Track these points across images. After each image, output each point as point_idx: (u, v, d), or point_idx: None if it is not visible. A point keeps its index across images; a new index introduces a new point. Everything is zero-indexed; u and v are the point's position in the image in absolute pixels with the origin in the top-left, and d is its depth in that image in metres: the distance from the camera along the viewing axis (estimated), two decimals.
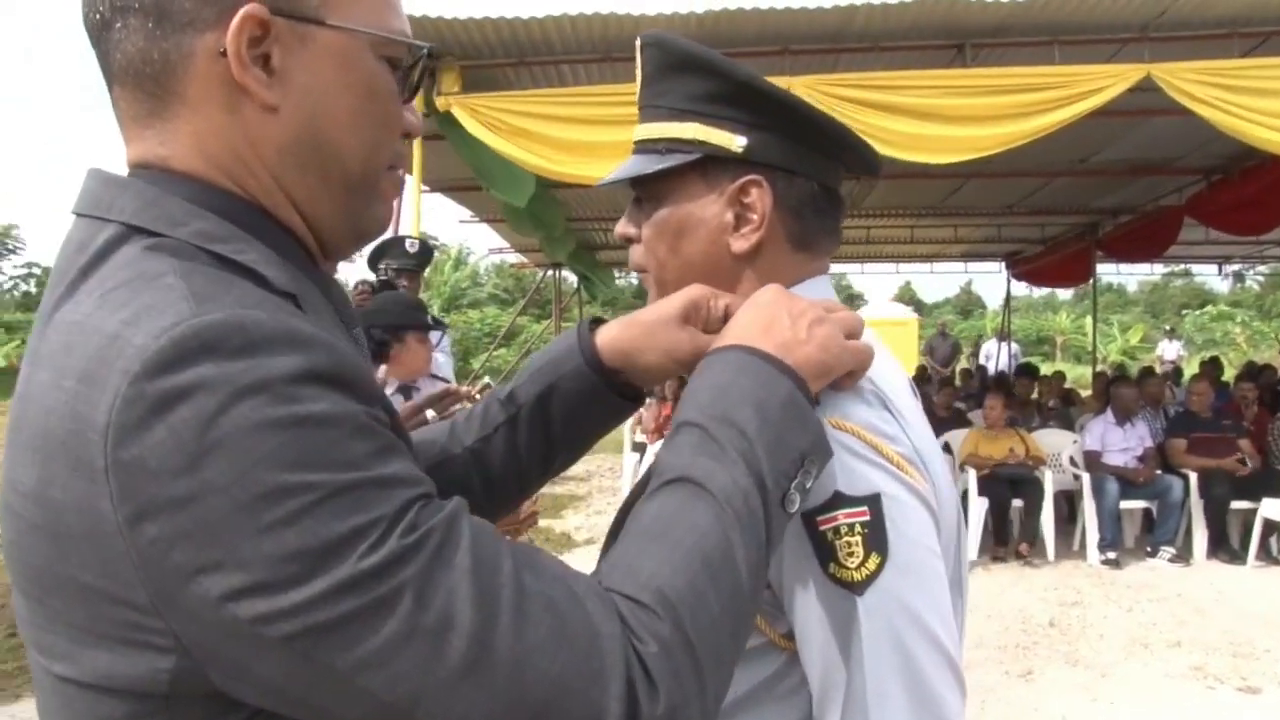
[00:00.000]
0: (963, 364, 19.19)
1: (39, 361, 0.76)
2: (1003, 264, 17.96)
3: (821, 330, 1.00)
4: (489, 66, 7.50)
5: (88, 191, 0.86)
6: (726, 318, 1.11)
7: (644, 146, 1.20)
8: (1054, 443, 8.83)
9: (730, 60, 1.15)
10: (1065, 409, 10.80)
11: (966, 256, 18.27)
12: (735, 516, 0.84)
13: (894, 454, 1.02)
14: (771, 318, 1.01)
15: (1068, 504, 8.94)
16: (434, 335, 4.79)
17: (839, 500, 0.99)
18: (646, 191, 1.21)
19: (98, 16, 0.84)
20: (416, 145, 7.34)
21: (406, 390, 3.86)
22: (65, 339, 0.75)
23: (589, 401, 1.17)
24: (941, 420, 9.47)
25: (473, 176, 8.18)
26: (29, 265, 54.90)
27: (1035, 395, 11.12)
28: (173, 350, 0.69)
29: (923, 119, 6.67)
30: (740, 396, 0.91)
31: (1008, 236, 15.59)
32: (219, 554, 0.67)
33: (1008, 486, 7.93)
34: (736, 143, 1.13)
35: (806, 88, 6.64)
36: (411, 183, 7.58)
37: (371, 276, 5.58)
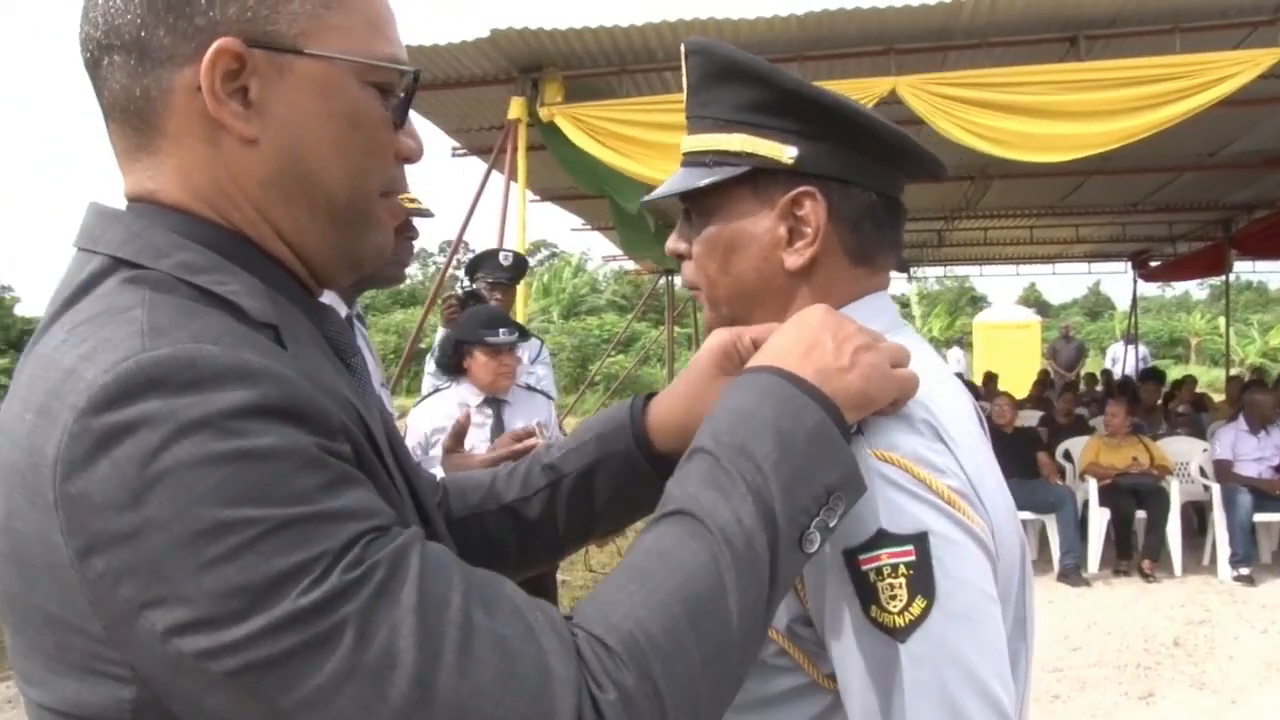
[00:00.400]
0: (1087, 368, 18.52)
1: (13, 393, 0.77)
2: (1128, 264, 17.32)
3: (867, 357, 0.94)
4: (591, 76, 7.55)
5: (84, 224, 0.86)
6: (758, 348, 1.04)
7: (692, 159, 1.14)
8: (1182, 451, 8.41)
9: (776, 67, 1.08)
10: (1196, 415, 10.33)
11: (1090, 257, 17.70)
12: (733, 557, 0.79)
13: (945, 489, 0.94)
14: (814, 339, 0.95)
15: (1197, 516, 8.52)
16: (530, 347, 4.81)
17: (883, 539, 0.92)
18: (696, 206, 1.15)
19: (89, 55, 0.86)
20: (521, 156, 7.45)
21: (495, 402, 3.86)
22: (32, 371, 0.76)
23: (635, 484, 1.13)
24: (1061, 427, 9.16)
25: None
26: None
27: (1162, 401, 10.65)
28: (117, 386, 0.69)
29: (1036, 116, 6.44)
30: (761, 424, 0.86)
31: (1133, 235, 15.04)
32: (163, 589, 0.67)
33: (1131, 497, 7.58)
34: (787, 153, 1.07)
35: (911, 88, 6.50)
36: (516, 192, 7.69)
37: (458, 290, 5.62)
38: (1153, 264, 16.67)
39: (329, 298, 2.15)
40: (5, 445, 0.74)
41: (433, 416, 3.81)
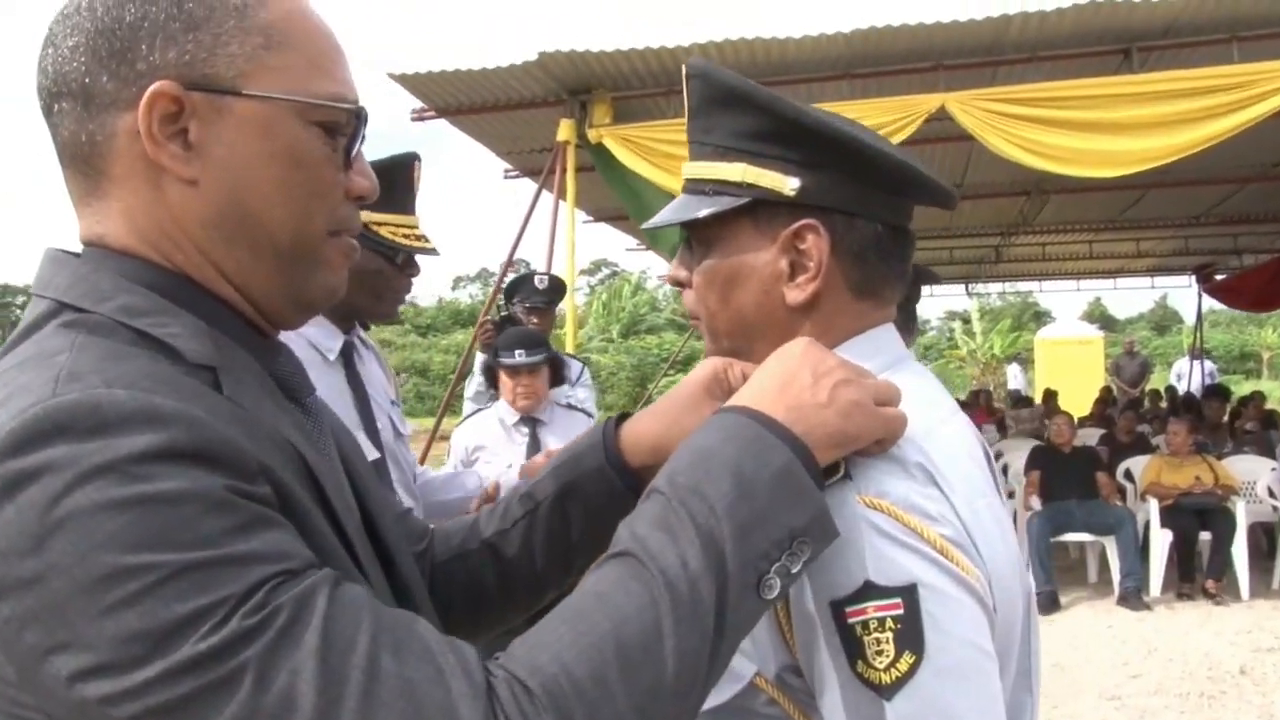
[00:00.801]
0: (1153, 384, 18.12)
1: None
2: (1192, 278, 16.95)
3: (847, 392, 0.91)
4: (639, 97, 7.57)
5: (38, 269, 0.88)
6: None
7: (693, 186, 1.11)
8: (1248, 470, 8.18)
9: (778, 95, 1.05)
10: (1265, 433, 10.03)
11: (1153, 271, 17.34)
12: (674, 601, 0.77)
13: (937, 537, 0.90)
14: (792, 374, 0.92)
15: (1266, 537, 8.28)
16: (571, 369, 4.83)
17: (869, 591, 0.88)
18: (696, 235, 1.12)
19: (43, 103, 0.88)
20: (570, 177, 7.51)
21: (531, 421, 3.90)
22: None
23: (611, 504, 1.10)
24: (1123, 446, 8.98)
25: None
26: None
27: (1229, 418, 10.37)
28: (23, 431, 0.69)
29: (1089, 131, 6.33)
30: (721, 465, 0.84)
31: (1197, 249, 14.69)
32: (66, 635, 0.67)
33: (1194, 518, 7.38)
34: (789, 185, 1.03)
35: (960, 104, 6.43)
36: (565, 213, 7.74)
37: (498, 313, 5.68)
38: (1218, 278, 16.28)
39: (321, 326, 2.22)
40: None
41: (474, 434, 4.01)
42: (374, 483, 1.07)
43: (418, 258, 2.40)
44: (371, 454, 2.25)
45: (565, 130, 7.40)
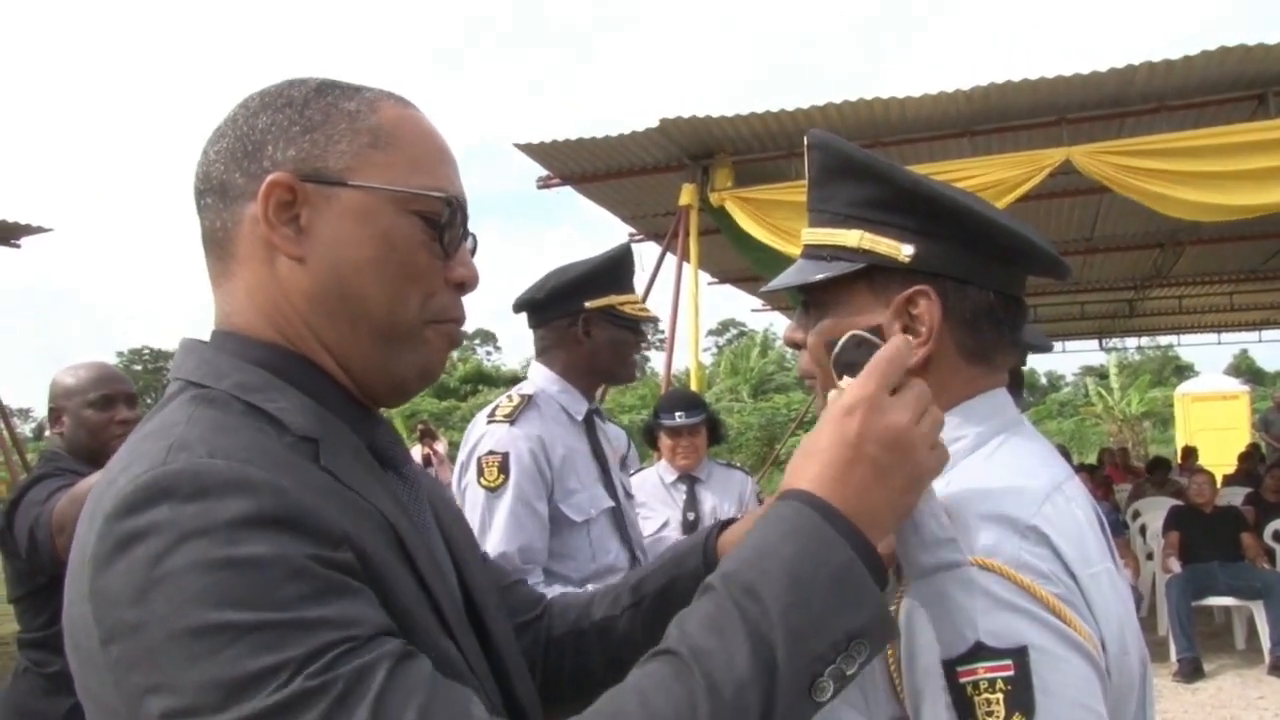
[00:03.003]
0: None
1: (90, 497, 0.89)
2: None
3: (914, 458, 0.92)
4: (760, 160, 7.70)
5: (175, 356, 1.02)
6: None
7: (811, 251, 1.16)
8: None
9: (894, 165, 1.11)
10: None
11: None
12: (713, 707, 0.78)
13: (1048, 596, 0.91)
14: (854, 451, 0.91)
15: None
16: (619, 440, 4.95)
17: (980, 652, 0.89)
18: (813, 298, 1.16)
19: (196, 200, 1.02)
20: (693, 240, 7.65)
21: (689, 479, 4.08)
22: (99, 478, 0.90)
23: None
24: (1271, 506, 8.54)
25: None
26: None
27: None
28: (134, 496, 0.79)
29: (1222, 180, 6.17)
30: (779, 565, 0.84)
31: None
32: (159, 677, 0.75)
33: None
34: (904, 251, 1.07)
35: (1086, 157, 6.36)
36: (688, 275, 7.87)
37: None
38: None
39: (570, 393, 2.64)
40: (74, 546, 0.85)
41: (634, 490, 4.08)
42: (473, 552, 1.16)
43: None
44: (607, 503, 2.58)
45: (688, 194, 7.57)
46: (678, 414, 3.96)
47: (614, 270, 2.69)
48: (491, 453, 2.46)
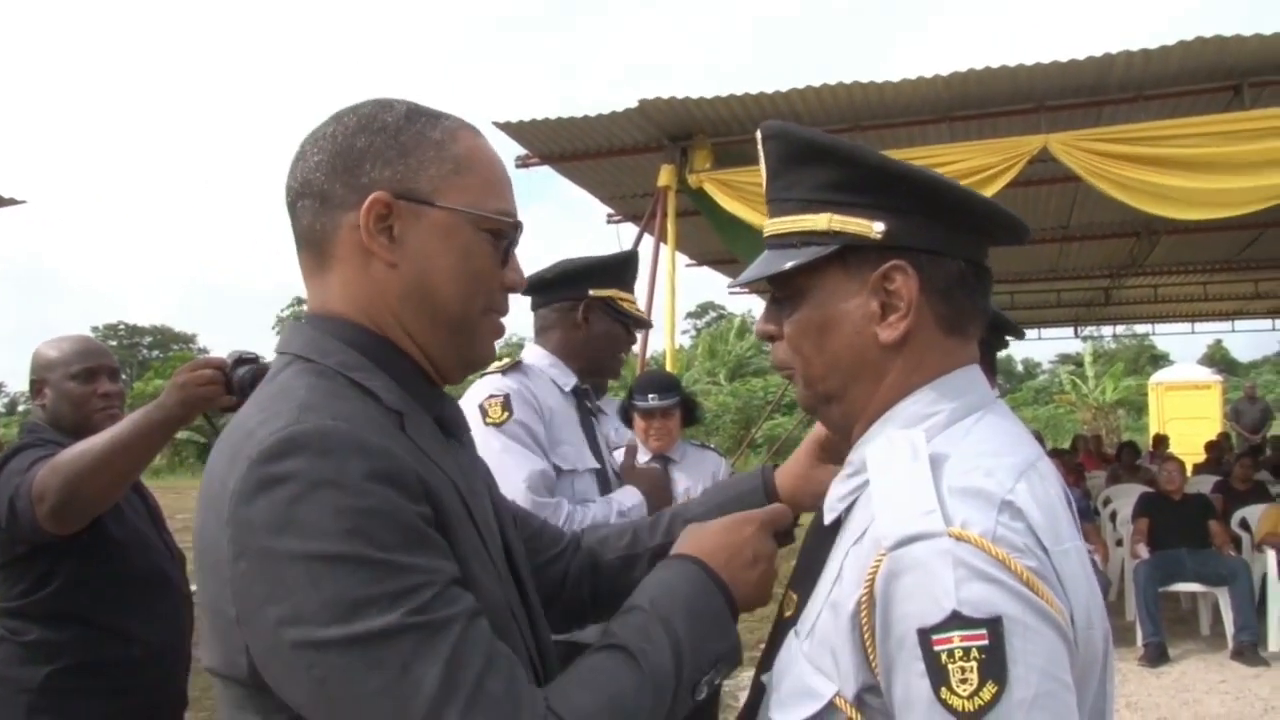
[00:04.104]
0: (1275, 430, 17.39)
1: (217, 446, 1.10)
2: None
3: (765, 576, 1.27)
4: (739, 142, 7.68)
5: (281, 336, 1.22)
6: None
7: (777, 241, 1.16)
8: None
9: (859, 145, 1.12)
10: None
11: (1274, 313, 16.70)
12: (654, 689, 1.08)
13: (1023, 569, 0.92)
14: (739, 549, 1.26)
15: None
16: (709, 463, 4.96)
17: (956, 620, 0.91)
18: (785, 288, 1.17)
19: (289, 199, 1.21)
20: (671, 222, 7.64)
21: (662, 459, 4.03)
22: (230, 430, 1.09)
23: None
24: (1238, 494, 8.64)
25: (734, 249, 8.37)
26: None
27: None
28: (276, 446, 0.98)
29: (1198, 170, 6.24)
30: (683, 602, 1.17)
31: None
32: (282, 592, 0.95)
33: None
34: (875, 229, 1.08)
35: (1063, 145, 6.40)
36: (665, 256, 7.87)
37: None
38: None
39: (559, 367, 2.82)
40: (208, 480, 1.06)
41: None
42: (505, 510, 1.38)
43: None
44: (593, 464, 2.76)
45: (666, 176, 7.56)
46: (651, 396, 3.96)
47: (621, 267, 2.90)
48: (492, 395, 2.59)
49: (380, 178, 1.15)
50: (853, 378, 1.14)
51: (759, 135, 1.20)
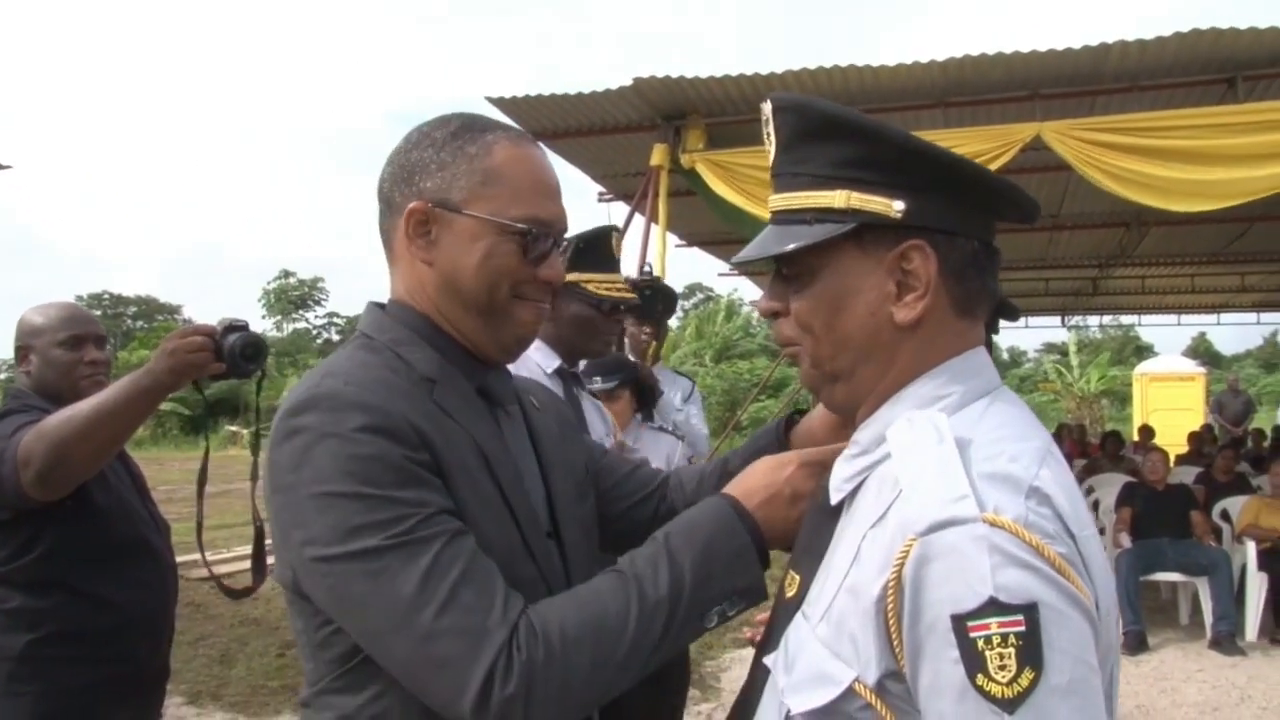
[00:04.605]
0: (1259, 423, 17.51)
1: None
2: None
3: (799, 511, 1.35)
4: (733, 123, 7.64)
5: (362, 315, 1.45)
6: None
7: (787, 216, 1.14)
8: None
9: (881, 121, 1.09)
10: None
11: (1259, 306, 16.80)
12: (640, 611, 1.21)
13: (1055, 555, 0.92)
14: (778, 489, 1.37)
15: None
16: (683, 387, 4.91)
17: (993, 606, 0.90)
18: (793, 266, 1.14)
19: (379, 204, 1.41)
20: (663, 201, 7.61)
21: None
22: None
23: None
24: (1220, 486, 8.72)
25: (727, 230, 8.34)
26: (330, 315, 60.38)
27: None
28: (297, 404, 1.23)
29: (1190, 161, 6.22)
30: (701, 536, 1.29)
31: None
32: (302, 518, 1.19)
33: None
34: (894, 208, 1.06)
35: (1057, 134, 6.38)
36: (656, 235, 7.84)
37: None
38: None
39: (542, 351, 2.91)
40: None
41: None
42: (568, 475, 1.54)
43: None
44: None
45: (659, 155, 7.52)
46: (596, 379, 3.90)
47: (586, 250, 2.91)
48: None
49: (425, 188, 1.34)
50: (863, 358, 1.12)
51: (768, 106, 1.17)
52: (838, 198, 1.08)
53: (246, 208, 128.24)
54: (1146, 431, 13.33)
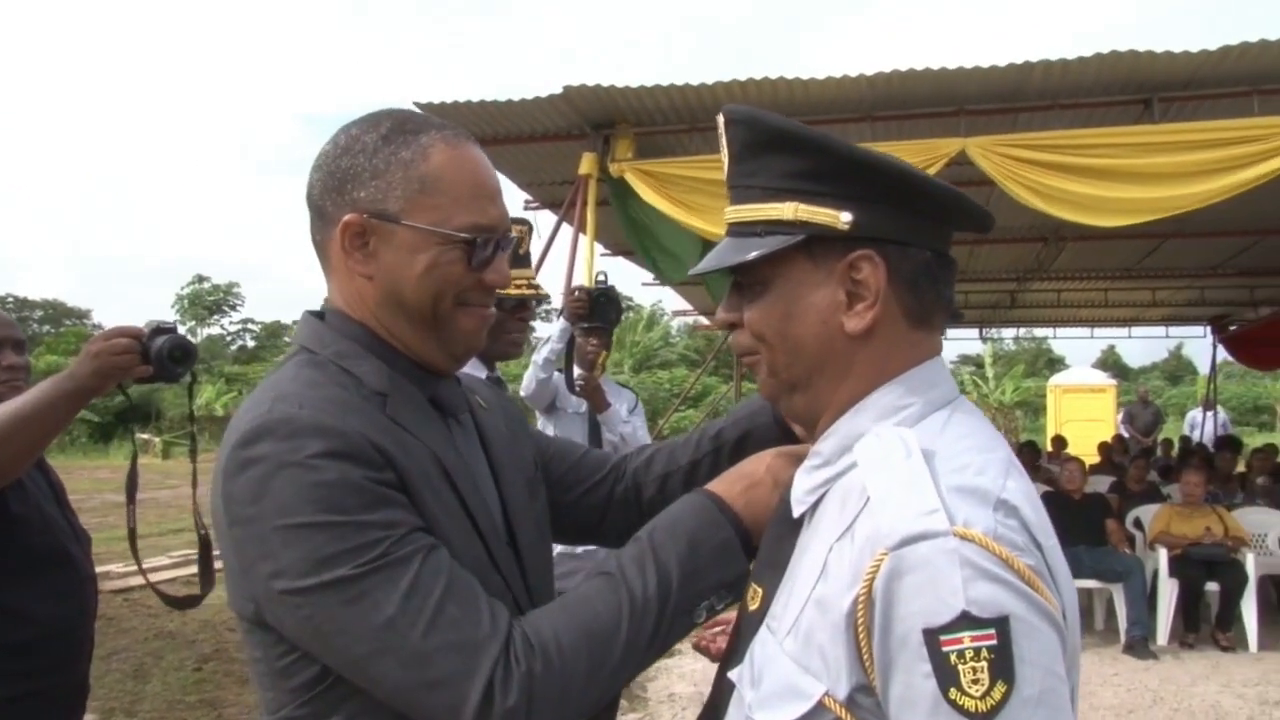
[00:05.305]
0: (1167, 434, 18.05)
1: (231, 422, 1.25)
2: (1207, 329, 16.95)
3: (774, 499, 1.29)
4: (662, 133, 7.66)
5: (297, 326, 1.38)
6: None
7: (740, 229, 1.15)
8: (1259, 522, 8.15)
9: (827, 134, 1.09)
10: (1276, 486, 9.98)
11: (1168, 320, 17.32)
12: (631, 612, 1.20)
13: (1024, 567, 0.92)
14: (758, 479, 1.34)
15: (1276, 590, 8.25)
16: (626, 399, 4.92)
17: (965, 620, 0.90)
18: (748, 276, 1.15)
19: (309, 212, 1.34)
20: (590, 210, 7.57)
21: None
22: (235, 413, 1.24)
23: (774, 444, 1.46)
24: (1133, 494, 8.96)
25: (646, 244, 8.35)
26: (245, 321, 59.13)
27: (1240, 470, 10.33)
28: (249, 434, 1.16)
29: (1108, 179, 6.38)
30: (684, 531, 1.27)
31: (1213, 299, 14.70)
32: (267, 551, 1.13)
33: (1203, 568, 7.36)
34: (842, 219, 1.07)
35: (981, 149, 6.50)
36: (584, 244, 7.80)
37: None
38: (1236, 335, 16.24)
39: (474, 364, 2.80)
40: (218, 455, 1.21)
41: None
42: (517, 475, 1.48)
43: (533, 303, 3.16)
44: None
45: (587, 164, 7.48)
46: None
47: None
48: None
49: (359, 198, 1.27)
50: (817, 367, 1.12)
51: (721, 119, 1.17)
52: (786, 209, 1.09)
53: (157, 210, 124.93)
54: (1059, 442, 13.66)
